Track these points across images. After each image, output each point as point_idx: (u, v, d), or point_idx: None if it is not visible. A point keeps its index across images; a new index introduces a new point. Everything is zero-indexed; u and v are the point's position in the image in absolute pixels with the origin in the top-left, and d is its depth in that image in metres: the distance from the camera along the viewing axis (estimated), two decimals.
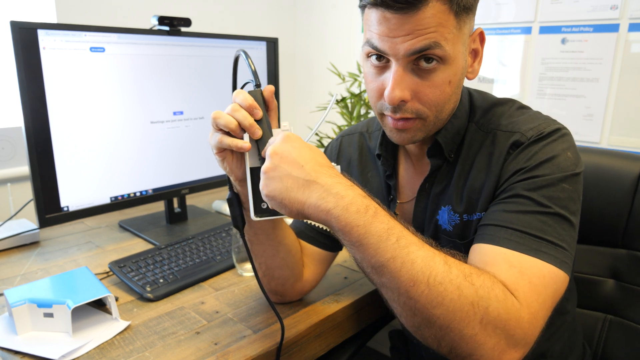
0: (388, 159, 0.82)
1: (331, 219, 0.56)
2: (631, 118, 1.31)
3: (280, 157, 0.59)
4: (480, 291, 0.55)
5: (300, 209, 0.58)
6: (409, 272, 0.54)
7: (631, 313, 0.91)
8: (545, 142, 0.67)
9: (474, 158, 0.73)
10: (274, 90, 0.67)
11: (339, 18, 1.90)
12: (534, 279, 0.58)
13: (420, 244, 0.56)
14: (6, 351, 0.73)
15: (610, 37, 1.30)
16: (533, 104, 1.48)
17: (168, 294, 0.90)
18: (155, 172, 1.19)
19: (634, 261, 0.90)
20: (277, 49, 1.38)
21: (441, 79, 0.65)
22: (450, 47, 0.64)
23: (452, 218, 0.74)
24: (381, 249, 0.55)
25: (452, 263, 0.56)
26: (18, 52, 0.92)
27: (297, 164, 0.58)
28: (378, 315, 1.00)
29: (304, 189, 0.57)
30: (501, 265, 0.60)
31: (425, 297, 0.54)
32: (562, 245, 0.62)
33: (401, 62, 0.64)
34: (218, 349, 0.74)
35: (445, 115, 0.70)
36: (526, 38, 1.46)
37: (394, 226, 0.57)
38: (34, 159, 0.97)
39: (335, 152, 0.93)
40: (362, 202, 0.57)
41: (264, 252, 0.77)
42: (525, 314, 0.56)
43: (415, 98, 0.66)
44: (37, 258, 1.07)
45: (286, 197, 0.58)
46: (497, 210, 0.66)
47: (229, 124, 0.64)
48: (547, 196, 0.64)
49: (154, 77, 1.14)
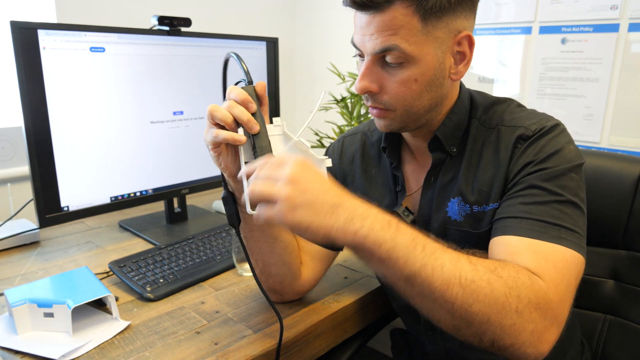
0: (393, 150, 0.84)
1: (359, 239, 0.57)
2: (631, 118, 1.31)
3: (301, 184, 0.57)
4: (509, 281, 0.58)
5: (327, 233, 0.57)
6: (441, 276, 0.56)
7: (631, 313, 0.91)
8: (550, 136, 0.71)
9: (481, 152, 0.76)
10: (265, 86, 0.68)
11: (339, 18, 1.90)
12: (558, 264, 0.62)
13: (443, 248, 0.59)
14: (6, 351, 0.73)
15: (610, 37, 1.30)
16: (533, 104, 1.48)
17: (168, 293, 0.90)
18: (155, 172, 1.19)
19: (634, 262, 0.90)
20: (277, 49, 1.39)
21: (406, 76, 0.69)
22: (414, 48, 0.67)
23: (462, 209, 0.76)
24: (411, 260, 0.57)
25: (476, 261, 0.60)
26: (18, 52, 0.92)
27: (322, 189, 0.58)
28: (379, 315, 1.00)
29: (330, 213, 0.57)
30: (526, 254, 0.63)
31: (461, 297, 0.57)
32: (577, 231, 0.66)
33: (370, 57, 0.70)
34: (218, 349, 0.74)
35: (418, 110, 0.73)
36: (526, 38, 1.46)
37: (417, 235, 0.59)
38: (34, 159, 0.97)
39: (337, 152, 0.94)
40: (384, 217, 0.59)
41: (260, 248, 0.78)
42: (553, 294, 0.60)
43: (383, 91, 0.72)
44: (37, 258, 1.07)
45: (313, 223, 0.56)
46: (515, 204, 0.69)
47: (226, 118, 0.65)
48: (560, 185, 0.67)
49: (154, 77, 1.14)
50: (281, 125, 0.68)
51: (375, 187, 0.88)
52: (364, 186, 0.89)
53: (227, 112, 0.65)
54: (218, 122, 0.65)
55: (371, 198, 0.86)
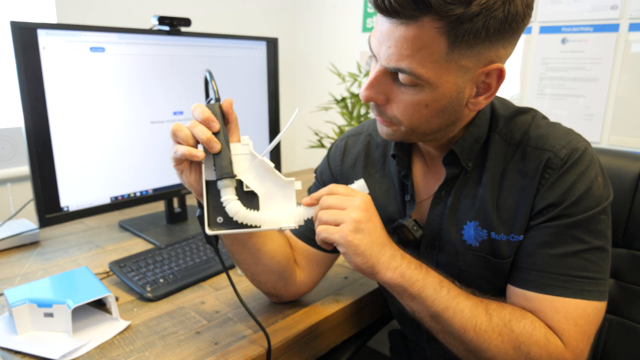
0: (403, 158, 0.79)
1: (397, 275, 0.63)
2: (631, 118, 1.31)
3: (368, 213, 0.65)
4: (521, 337, 0.62)
5: (374, 263, 0.63)
6: (460, 320, 0.63)
7: (631, 313, 0.91)
8: (579, 170, 0.66)
9: (503, 173, 0.70)
10: (232, 103, 0.66)
11: (339, 18, 1.90)
12: (579, 321, 0.64)
13: (465, 294, 0.65)
14: (6, 351, 0.73)
15: (610, 37, 1.31)
16: (533, 104, 1.48)
17: (168, 293, 0.90)
18: (155, 172, 1.19)
19: (634, 261, 0.90)
20: (277, 49, 1.38)
21: (417, 100, 0.62)
22: (432, 74, 0.59)
23: (478, 234, 0.72)
24: (437, 300, 0.63)
25: (492, 311, 0.64)
26: (18, 52, 0.92)
27: (381, 226, 0.66)
28: (378, 315, 1.00)
29: (381, 247, 0.64)
30: (547, 312, 0.65)
31: (474, 343, 0.63)
32: (602, 278, 0.66)
33: (382, 68, 0.63)
34: (218, 349, 0.74)
35: (425, 130, 0.67)
36: (526, 38, 1.46)
37: (443, 278, 0.66)
38: (34, 159, 0.97)
39: (340, 152, 0.90)
40: (416, 260, 0.66)
41: (245, 260, 0.78)
42: (570, 355, 0.63)
43: (389, 104, 0.65)
44: (37, 258, 1.07)
45: (368, 250, 0.63)
46: (541, 253, 0.67)
47: (187, 138, 0.64)
48: (588, 231, 0.65)
49: (154, 77, 1.14)
50: (248, 145, 0.67)
51: (379, 193, 0.83)
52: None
53: (189, 131, 0.64)
54: (180, 141, 0.64)
55: (374, 203, 0.85)
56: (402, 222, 0.77)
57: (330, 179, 0.90)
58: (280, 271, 0.81)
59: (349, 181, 0.88)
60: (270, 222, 0.66)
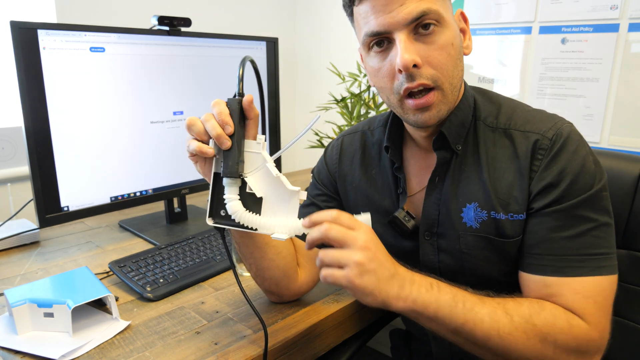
0: (395, 149, 0.82)
1: (410, 304, 0.63)
2: (631, 118, 1.31)
3: (371, 252, 0.62)
4: (545, 329, 0.63)
5: (385, 298, 0.62)
6: (481, 330, 0.63)
7: (631, 313, 0.91)
8: (570, 149, 0.69)
9: (495, 155, 0.74)
10: (252, 100, 0.67)
11: (339, 18, 1.90)
12: (597, 298, 0.65)
13: (481, 302, 0.65)
14: (6, 351, 0.73)
15: (610, 37, 1.30)
16: (533, 104, 1.47)
17: (168, 293, 0.90)
18: (155, 172, 1.19)
19: (634, 261, 0.90)
20: (277, 49, 1.38)
21: (444, 40, 0.68)
22: (443, 11, 0.68)
23: (478, 215, 0.74)
24: (454, 317, 0.63)
25: (511, 310, 0.64)
26: (18, 52, 0.92)
27: (384, 258, 0.64)
28: (378, 315, 1.00)
29: (388, 280, 0.63)
30: (567, 295, 0.66)
31: (501, 347, 0.63)
32: (612, 251, 0.68)
33: (404, 32, 0.67)
34: (218, 349, 0.74)
35: (457, 83, 0.72)
36: (526, 38, 1.46)
37: (456, 292, 0.65)
38: (34, 159, 0.97)
39: (336, 151, 0.92)
40: (426, 280, 0.65)
41: (252, 254, 0.78)
42: (595, 332, 0.64)
43: (426, 63, 0.68)
44: (37, 258, 1.07)
45: (376, 288, 0.62)
46: (554, 237, 0.68)
47: (200, 133, 0.66)
48: (594, 209, 0.68)
49: (154, 77, 1.14)
50: (260, 144, 0.67)
51: (375, 189, 0.86)
52: (365, 187, 0.87)
53: (202, 126, 0.66)
54: (194, 135, 0.67)
55: (371, 199, 0.86)
56: (394, 215, 0.80)
57: (328, 178, 0.92)
58: (285, 267, 0.81)
59: (347, 179, 0.89)
60: (265, 228, 0.67)
